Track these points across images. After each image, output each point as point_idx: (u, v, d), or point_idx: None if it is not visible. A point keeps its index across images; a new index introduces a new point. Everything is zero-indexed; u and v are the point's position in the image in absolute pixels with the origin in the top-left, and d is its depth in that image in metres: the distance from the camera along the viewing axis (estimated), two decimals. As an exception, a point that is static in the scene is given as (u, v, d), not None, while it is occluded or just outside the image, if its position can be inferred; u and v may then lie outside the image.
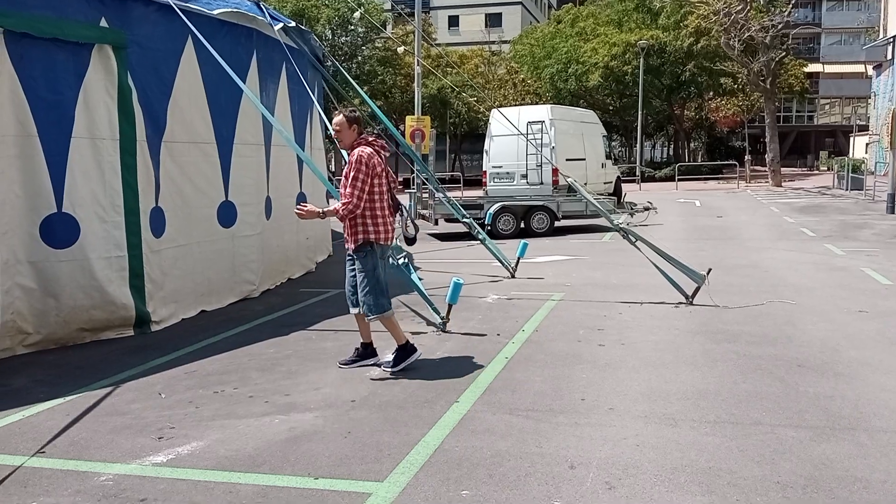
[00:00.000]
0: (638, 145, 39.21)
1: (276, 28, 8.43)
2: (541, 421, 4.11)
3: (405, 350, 5.20)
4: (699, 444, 3.73)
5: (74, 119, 6.06)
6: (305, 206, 5.06)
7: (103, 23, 6.20)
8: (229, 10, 7.50)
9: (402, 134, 18.19)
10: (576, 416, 4.19)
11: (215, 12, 7.27)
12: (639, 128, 38.18)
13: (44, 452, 3.86)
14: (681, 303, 7.28)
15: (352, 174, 4.91)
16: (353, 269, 5.16)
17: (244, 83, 7.06)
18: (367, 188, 4.93)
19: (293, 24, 9.17)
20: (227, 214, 7.79)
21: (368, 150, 5.01)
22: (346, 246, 5.15)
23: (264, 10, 8.28)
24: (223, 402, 4.62)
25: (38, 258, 5.96)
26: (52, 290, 6.03)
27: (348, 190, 4.91)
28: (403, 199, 21.29)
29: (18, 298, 5.87)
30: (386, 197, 5.12)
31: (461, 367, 5.25)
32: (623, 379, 4.88)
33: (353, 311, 5.29)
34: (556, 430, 3.96)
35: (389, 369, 5.13)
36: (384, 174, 5.09)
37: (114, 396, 4.81)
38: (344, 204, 4.91)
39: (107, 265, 6.30)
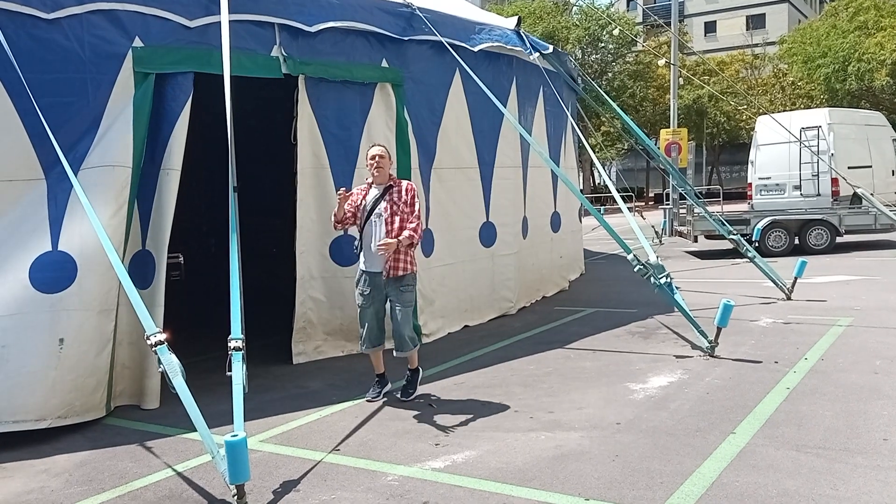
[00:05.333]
0: (938, 148, 33.62)
1: (533, 56, 8.66)
2: (834, 461, 3.68)
3: (417, 372, 5.38)
4: None
5: (359, 151, 6.76)
6: (386, 242, 4.92)
7: (384, 63, 6.86)
8: (493, 43, 7.88)
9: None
10: (877, 457, 3.69)
11: (481, 46, 7.68)
12: (939, 128, 32.77)
13: (339, 450, 4.31)
14: None
15: (414, 202, 5.12)
16: (387, 302, 5.18)
17: (505, 109, 7.36)
18: None
19: (550, 49, 9.35)
20: (487, 235, 8.14)
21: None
22: (390, 274, 5.04)
23: (524, 38, 8.54)
24: (491, 415, 4.81)
25: (327, 274, 6.69)
26: (337, 302, 6.73)
27: (416, 217, 5.08)
28: (657, 215, 20.70)
29: (310, 309, 6.64)
30: None
31: (734, 395, 4.90)
32: (937, 420, 4.21)
33: (372, 350, 5.33)
34: (854, 473, 3.52)
35: (407, 398, 5.26)
36: None
37: (394, 402, 5.25)
38: (413, 230, 5.01)
39: (383, 281, 6.91)
